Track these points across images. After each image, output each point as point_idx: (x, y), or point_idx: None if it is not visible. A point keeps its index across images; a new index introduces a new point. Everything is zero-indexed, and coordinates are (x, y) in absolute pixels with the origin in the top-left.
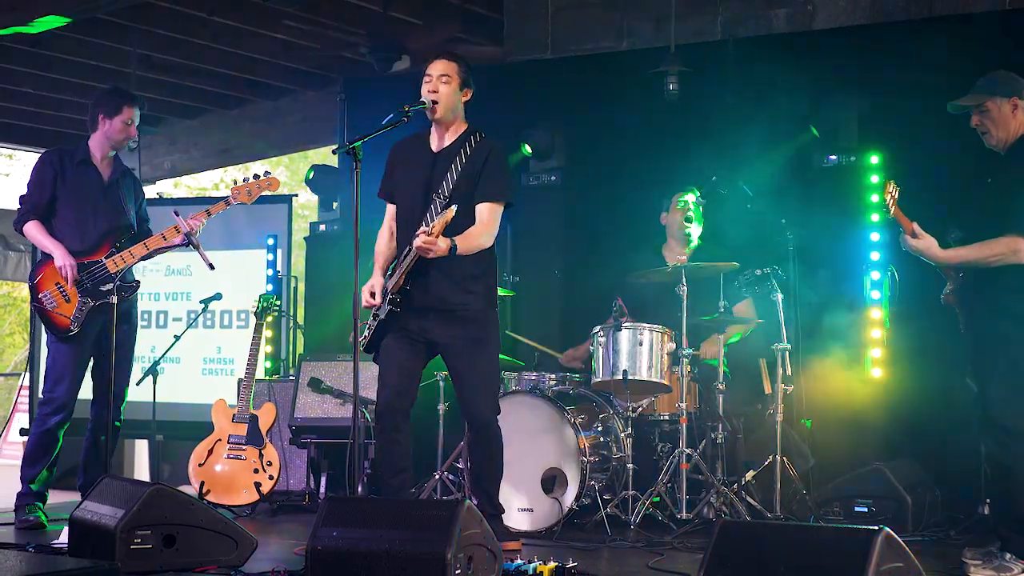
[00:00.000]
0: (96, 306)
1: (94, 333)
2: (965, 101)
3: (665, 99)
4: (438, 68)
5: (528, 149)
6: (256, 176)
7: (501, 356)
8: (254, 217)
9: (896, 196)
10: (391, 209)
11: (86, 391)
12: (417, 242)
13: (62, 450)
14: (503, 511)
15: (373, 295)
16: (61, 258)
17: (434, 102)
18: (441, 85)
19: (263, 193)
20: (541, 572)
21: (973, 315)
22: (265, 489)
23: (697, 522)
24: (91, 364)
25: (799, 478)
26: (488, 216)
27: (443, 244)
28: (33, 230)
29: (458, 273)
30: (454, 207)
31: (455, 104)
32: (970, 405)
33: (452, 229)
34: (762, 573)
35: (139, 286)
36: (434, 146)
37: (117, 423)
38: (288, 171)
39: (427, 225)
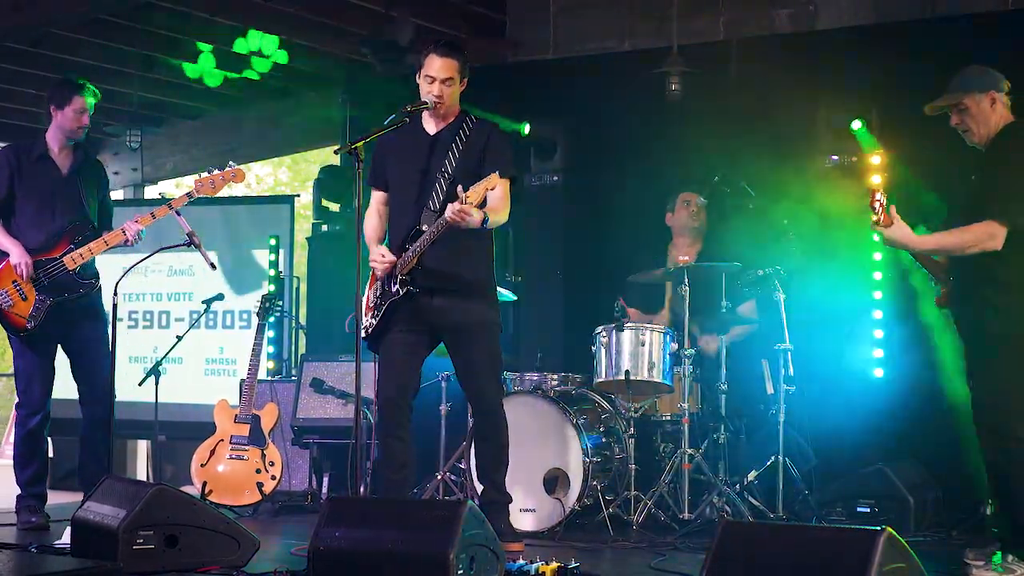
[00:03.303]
0: (55, 303)
1: (58, 331)
2: (943, 102)
3: (667, 100)
4: (442, 71)
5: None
6: (220, 168)
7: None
8: (256, 217)
9: (885, 203)
10: (378, 195)
11: (73, 392)
12: (451, 213)
13: (59, 451)
14: (511, 500)
15: (383, 257)
16: (17, 256)
17: (437, 102)
18: (445, 88)
19: (228, 184)
20: (543, 572)
21: (964, 317)
22: (267, 489)
23: (699, 522)
24: (69, 364)
25: (801, 478)
26: (502, 191)
27: (477, 215)
28: None
29: (465, 251)
30: (496, 173)
31: (456, 100)
32: (970, 405)
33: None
34: (764, 573)
35: (99, 280)
36: (429, 130)
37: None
38: (291, 172)
39: (434, 204)
